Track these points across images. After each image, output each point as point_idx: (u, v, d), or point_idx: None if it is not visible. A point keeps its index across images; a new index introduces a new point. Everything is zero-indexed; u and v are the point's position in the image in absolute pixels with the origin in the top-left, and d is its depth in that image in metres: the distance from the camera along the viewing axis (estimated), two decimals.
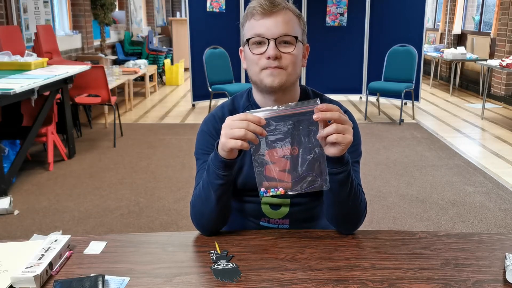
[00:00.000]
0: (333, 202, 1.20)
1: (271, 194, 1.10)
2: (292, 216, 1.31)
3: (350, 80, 7.17)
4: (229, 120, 1.08)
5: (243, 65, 1.27)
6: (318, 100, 1.06)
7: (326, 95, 1.37)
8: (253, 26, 1.20)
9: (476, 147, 4.93)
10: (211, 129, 1.30)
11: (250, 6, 1.21)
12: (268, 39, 1.17)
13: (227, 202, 1.22)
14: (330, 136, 1.05)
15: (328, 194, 1.19)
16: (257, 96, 1.29)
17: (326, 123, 1.06)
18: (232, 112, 1.29)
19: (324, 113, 1.04)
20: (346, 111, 1.31)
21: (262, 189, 1.10)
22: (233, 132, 1.06)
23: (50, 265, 1.04)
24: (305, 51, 1.27)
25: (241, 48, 1.27)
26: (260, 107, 1.27)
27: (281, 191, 1.10)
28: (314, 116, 1.04)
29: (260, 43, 1.19)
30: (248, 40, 1.20)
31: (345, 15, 6.95)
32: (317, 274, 1.04)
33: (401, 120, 5.89)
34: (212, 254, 1.12)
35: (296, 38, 1.19)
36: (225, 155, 1.11)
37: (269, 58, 1.17)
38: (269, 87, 1.19)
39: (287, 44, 1.19)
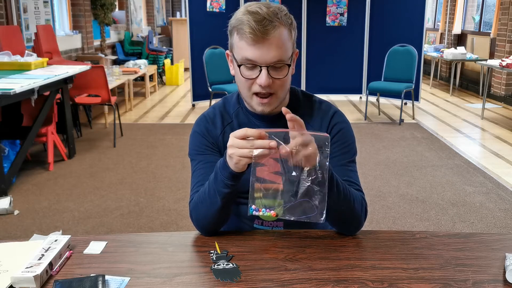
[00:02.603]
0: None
1: (261, 213, 1.07)
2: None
3: (350, 80, 7.16)
4: (233, 139, 1.06)
5: (231, 71, 1.24)
6: (329, 137, 1.04)
7: (317, 95, 1.38)
8: (244, 49, 1.15)
9: (476, 147, 4.93)
10: (203, 130, 1.30)
11: (240, 26, 1.13)
12: (261, 66, 1.14)
13: (231, 206, 1.22)
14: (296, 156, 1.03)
15: None
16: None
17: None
18: (223, 115, 1.31)
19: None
20: (336, 112, 1.32)
21: (253, 207, 1.06)
22: (242, 152, 1.04)
23: (50, 265, 1.03)
24: (294, 56, 1.23)
25: (227, 52, 1.24)
26: (249, 112, 1.28)
27: (272, 213, 1.07)
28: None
29: (252, 65, 1.16)
30: (239, 65, 1.17)
31: (345, 15, 6.94)
32: (317, 274, 1.04)
33: (401, 120, 5.89)
34: (212, 254, 1.12)
35: (289, 65, 1.18)
36: (237, 169, 1.09)
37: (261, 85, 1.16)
38: (260, 113, 1.22)
39: (279, 68, 1.16)
